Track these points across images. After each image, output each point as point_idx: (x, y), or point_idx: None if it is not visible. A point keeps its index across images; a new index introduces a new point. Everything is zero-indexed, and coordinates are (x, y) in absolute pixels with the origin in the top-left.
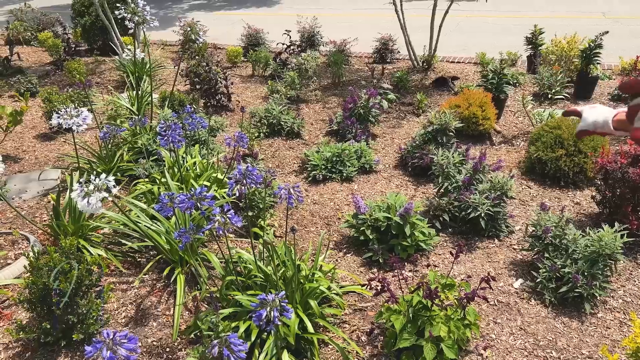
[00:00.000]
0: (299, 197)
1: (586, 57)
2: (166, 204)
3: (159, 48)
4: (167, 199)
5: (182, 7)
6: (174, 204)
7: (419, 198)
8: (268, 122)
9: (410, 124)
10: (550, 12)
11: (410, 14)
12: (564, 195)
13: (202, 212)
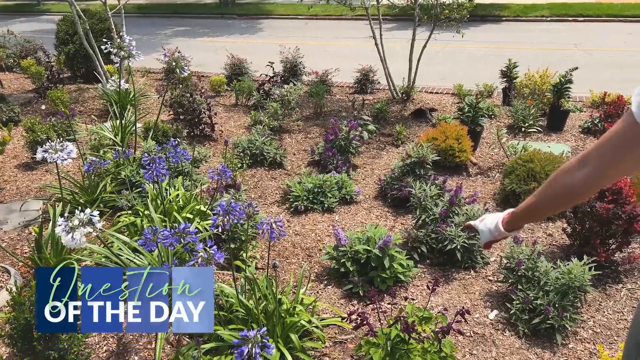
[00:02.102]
0: (280, 231)
1: (557, 92)
2: (150, 238)
3: (142, 75)
4: (151, 233)
5: (166, 32)
6: (157, 238)
7: (398, 229)
8: (251, 153)
9: (390, 155)
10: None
11: (390, 43)
12: (537, 227)
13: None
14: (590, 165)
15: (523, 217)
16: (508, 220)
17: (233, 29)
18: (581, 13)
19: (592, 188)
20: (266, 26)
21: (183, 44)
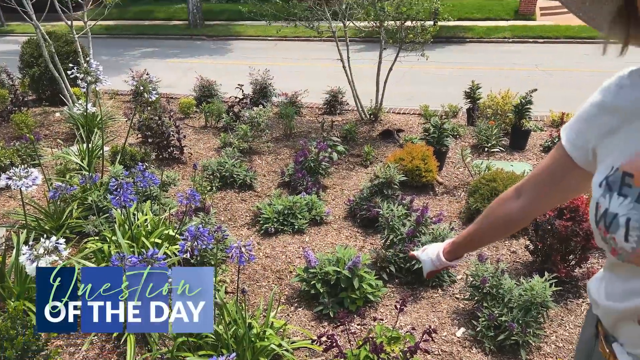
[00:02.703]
0: (250, 255)
1: (518, 112)
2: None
3: (110, 98)
4: (118, 260)
5: (134, 54)
6: (125, 265)
7: (367, 249)
8: (221, 175)
9: (359, 175)
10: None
11: (359, 64)
12: (501, 244)
13: None
14: (526, 195)
15: (463, 247)
16: (449, 249)
17: (202, 50)
18: (541, 35)
19: (529, 216)
20: (236, 47)
21: (152, 65)
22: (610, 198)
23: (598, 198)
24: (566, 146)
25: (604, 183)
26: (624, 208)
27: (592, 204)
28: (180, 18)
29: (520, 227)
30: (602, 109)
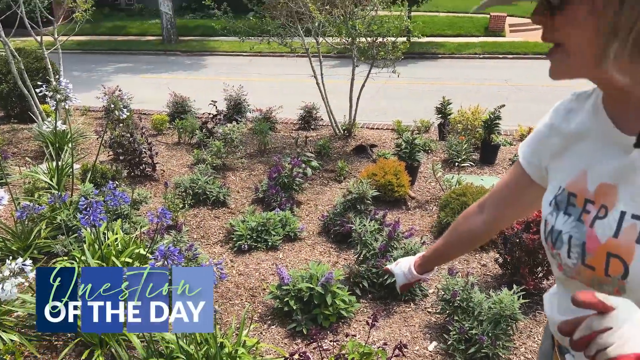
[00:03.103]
0: (221, 274)
1: (488, 127)
2: None
3: (82, 114)
4: None
5: (107, 69)
6: None
7: (341, 264)
8: (193, 192)
9: (333, 190)
10: (461, 80)
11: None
12: (472, 257)
13: None
14: (488, 211)
15: (433, 260)
16: (420, 263)
17: (176, 65)
18: (510, 51)
19: (491, 230)
20: (210, 63)
21: (125, 80)
22: (557, 216)
23: (547, 216)
24: (523, 163)
25: (552, 202)
26: (567, 226)
27: (542, 221)
28: (154, 33)
29: (485, 241)
30: (552, 130)
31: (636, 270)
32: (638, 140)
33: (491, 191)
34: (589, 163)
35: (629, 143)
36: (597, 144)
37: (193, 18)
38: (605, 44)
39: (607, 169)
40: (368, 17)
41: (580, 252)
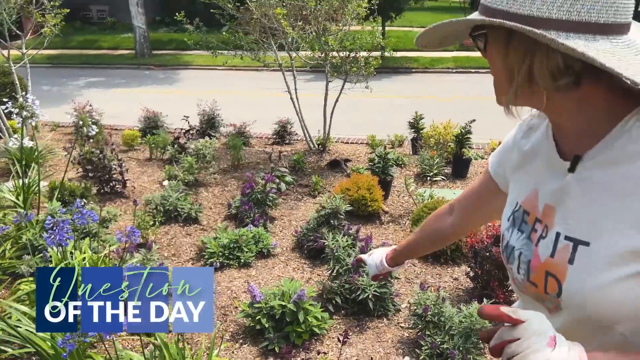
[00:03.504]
0: None
1: (459, 142)
2: None
3: (51, 130)
4: None
5: (78, 83)
6: None
7: (314, 280)
8: (164, 209)
9: (307, 206)
10: (434, 94)
11: (309, 93)
12: (444, 271)
13: None
14: (457, 213)
15: (404, 254)
16: (392, 256)
17: (150, 79)
18: (482, 65)
19: (459, 232)
20: (184, 77)
21: (97, 95)
22: (512, 232)
23: (504, 231)
24: (491, 172)
25: (510, 218)
26: (519, 243)
27: (501, 235)
28: (126, 47)
29: (453, 240)
30: (514, 144)
31: (568, 289)
32: (572, 166)
33: (461, 194)
34: (539, 182)
35: (565, 167)
36: (545, 165)
37: (167, 32)
38: (508, 82)
39: (550, 190)
40: (340, 34)
41: (526, 269)
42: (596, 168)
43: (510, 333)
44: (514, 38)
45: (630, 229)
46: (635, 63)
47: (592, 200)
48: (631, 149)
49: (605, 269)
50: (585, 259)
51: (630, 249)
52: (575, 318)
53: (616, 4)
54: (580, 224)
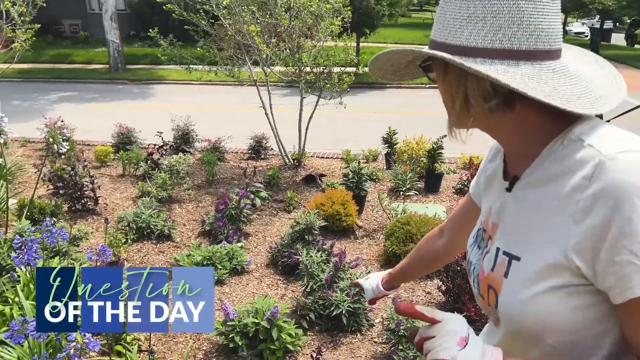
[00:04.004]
0: None
1: (431, 157)
2: (17, 330)
3: (21, 146)
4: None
5: (50, 98)
6: (26, 330)
7: (289, 297)
8: (137, 226)
9: (282, 221)
10: (408, 109)
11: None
12: (417, 285)
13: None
14: (447, 234)
15: (399, 278)
16: (387, 280)
17: (124, 94)
18: None
19: (451, 253)
20: (159, 91)
21: (69, 110)
22: (473, 248)
23: (468, 247)
24: (471, 193)
25: (474, 235)
26: (475, 258)
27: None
28: (100, 61)
29: (446, 262)
30: (483, 167)
31: (503, 301)
32: (510, 185)
33: (450, 216)
34: (493, 202)
35: (505, 186)
36: (498, 185)
37: (141, 46)
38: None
39: (496, 209)
40: (314, 51)
41: (477, 283)
42: (529, 188)
43: (427, 331)
44: (449, 66)
45: (551, 244)
46: (559, 86)
47: (524, 218)
48: (556, 169)
49: (530, 283)
50: (516, 273)
51: (549, 263)
52: (509, 330)
53: (536, 32)
54: (514, 240)
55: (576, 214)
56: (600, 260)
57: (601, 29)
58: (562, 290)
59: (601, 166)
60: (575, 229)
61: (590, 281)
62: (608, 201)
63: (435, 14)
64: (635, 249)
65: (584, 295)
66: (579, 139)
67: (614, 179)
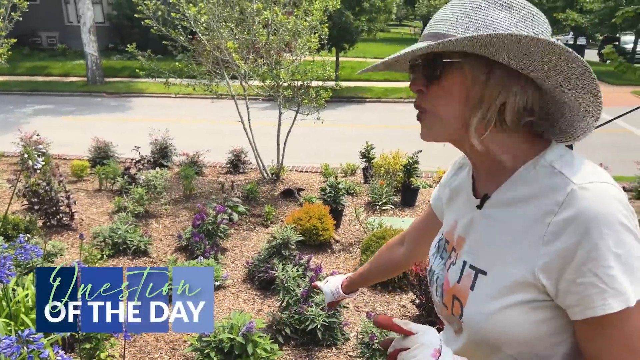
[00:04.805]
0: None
1: (407, 171)
2: None
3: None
4: None
5: (26, 111)
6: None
7: (265, 312)
8: (113, 242)
9: (260, 236)
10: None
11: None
12: (392, 299)
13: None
14: (408, 243)
15: (358, 282)
16: (347, 284)
17: (101, 107)
18: None
19: (410, 261)
20: (137, 104)
21: (45, 123)
22: (435, 258)
23: (430, 256)
24: (432, 204)
25: (436, 245)
26: (438, 268)
27: (428, 260)
28: (78, 74)
29: (405, 269)
30: (446, 180)
31: (467, 312)
32: (481, 203)
33: (411, 226)
34: (459, 215)
35: (475, 203)
36: (465, 200)
37: (120, 59)
38: (470, 113)
39: (463, 223)
40: (292, 67)
41: (440, 292)
42: (498, 207)
43: (401, 343)
44: (495, 70)
45: (518, 263)
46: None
47: (492, 235)
48: (526, 192)
49: (497, 297)
50: (482, 287)
51: (516, 280)
52: (472, 339)
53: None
54: (482, 256)
55: (546, 235)
56: (563, 281)
57: (575, 45)
58: (527, 305)
59: (573, 194)
60: (544, 249)
61: (552, 297)
62: (578, 227)
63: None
64: (599, 272)
65: (545, 309)
66: (550, 166)
67: (585, 207)
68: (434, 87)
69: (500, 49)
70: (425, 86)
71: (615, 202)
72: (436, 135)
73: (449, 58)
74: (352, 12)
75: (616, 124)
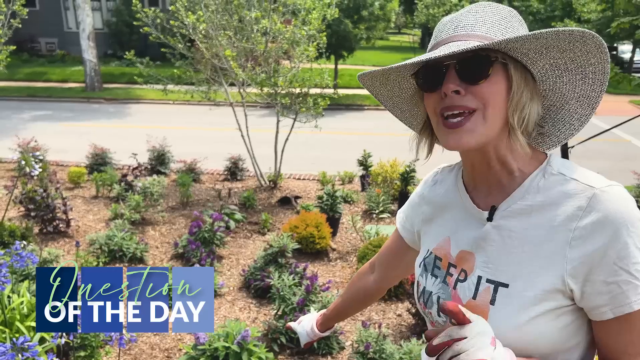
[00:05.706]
0: (131, 337)
1: (404, 179)
2: None
3: None
4: None
5: (23, 117)
6: None
7: (260, 320)
8: (109, 249)
9: (256, 244)
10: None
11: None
12: (388, 307)
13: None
14: (377, 271)
15: (333, 318)
16: (321, 321)
17: (100, 113)
18: None
19: (382, 288)
20: (136, 111)
21: (43, 129)
22: (426, 278)
23: (418, 277)
24: (399, 229)
25: (422, 264)
26: (435, 287)
27: (415, 282)
28: (76, 80)
29: (379, 297)
30: (422, 199)
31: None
32: (490, 215)
33: (379, 252)
34: (453, 231)
35: (483, 217)
36: (459, 215)
37: (119, 65)
38: (512, 115)
39: (467, 238)
40: (290, 75)
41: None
42: (510, 218)
43: (458, 332)
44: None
45: (544, 271)
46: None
47: (510, 247)
48: (539, 200)
49: (524, 308)
50: (505, 300)
51: (544, 288)
52: None
53: None
54: (500, 268)
55: (573, 240)
56: (591, 282)
57: None
58: (553, 312)
59: (596, 198)
60: (572, 254)
61: (574, 302)
62: (607, 228)
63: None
64: (631, 269)
65: (567, 315)
66: (560, 174)
67: (610, 209)
68: (479, 86)
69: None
70: (464, 87)
71: (632, 201)
72: (479, 137)
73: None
74: (351, 21)
75: (614, 134)
